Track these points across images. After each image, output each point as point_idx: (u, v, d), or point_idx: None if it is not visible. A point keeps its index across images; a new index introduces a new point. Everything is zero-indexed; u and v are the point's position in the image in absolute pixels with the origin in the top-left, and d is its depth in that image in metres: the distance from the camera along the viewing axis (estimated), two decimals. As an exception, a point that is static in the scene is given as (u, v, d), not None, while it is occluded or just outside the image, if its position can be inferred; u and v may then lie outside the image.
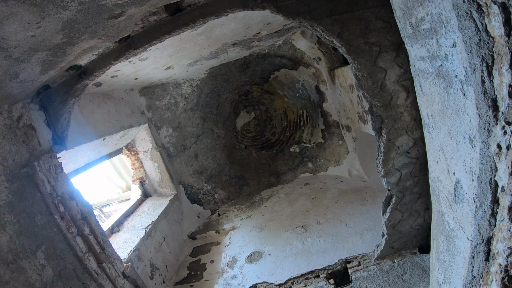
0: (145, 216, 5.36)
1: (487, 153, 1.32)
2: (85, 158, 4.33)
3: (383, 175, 3.44)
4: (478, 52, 1.23)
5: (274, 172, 7.89)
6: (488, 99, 1.24)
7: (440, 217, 2.12)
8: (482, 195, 1.39)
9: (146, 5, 2.45)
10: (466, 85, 1.41)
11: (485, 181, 1.35)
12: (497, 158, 1.25)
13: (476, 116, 1.35)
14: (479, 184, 1.40)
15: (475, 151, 1.41)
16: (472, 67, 1.30)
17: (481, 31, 1.18)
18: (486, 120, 1.28)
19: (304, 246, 4.80)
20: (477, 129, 1.36)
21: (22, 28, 1.84)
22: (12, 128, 2.66)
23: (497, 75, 1.16)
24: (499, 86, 1.17)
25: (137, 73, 4.63)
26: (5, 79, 2.24)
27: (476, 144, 1.40)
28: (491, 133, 1.26)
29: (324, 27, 3.19)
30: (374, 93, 3.21)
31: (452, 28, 1.40)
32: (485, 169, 1.34)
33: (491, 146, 1.27)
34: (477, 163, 1.40)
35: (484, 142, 1.33)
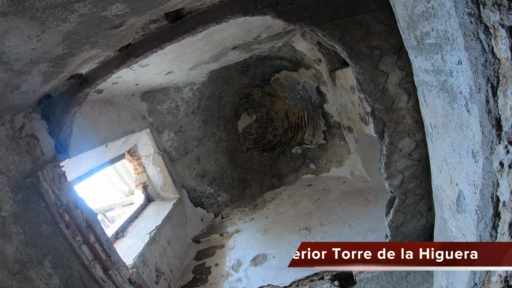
0: (149, 220, 5.37)
1: (489, 169, 1.32)
2: (88, 165, 4.34)
3: (385, 178, 3.44)
4: (484, 72, 1.23)
5: (277, 174, 7.89)
6: (492, 118, 1.25)
7: (443, 224, 2.12)
8: (484, 208, 1.39)
9: (147, 14, 2.46)
10: (470, 103, 1.41)
11: (487, 195, 1.36)
12: (499, 174, 1.25)
13: (480, 133, 1.35)
14: (481, 197, 1.40)
15: (478, 166, 1.41)
16: (477, 86, 1.30)
17: (488, 52, 1.18)
18: (489, 138, 1.28)
19: (308, 249, 4.79)
20: (480, 146, 1.36)
21: (22, 41, 1.84)
22: (14, 138, 2.67)
23: (502, 96, 1.16)
24: (503, 107, 1.17)
25: (138, 79, 4.63)
26: (7, 91, 2.25)
27: (479, 159, 1.40)
28: (494, 151, 1.27)
29: (325, 32, 3.19)
30: (376, 97, 3.21)
31: (458, 46, 1.40)
32: (487, 184, 1.34)
33: (494, 163, 1.28)
34: (479, 178, 1.41)
35: (486, 159, 1.33)
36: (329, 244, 2.15)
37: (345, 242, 2.34)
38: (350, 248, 2.09)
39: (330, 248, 2.11)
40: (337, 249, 2.09)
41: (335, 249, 2.10)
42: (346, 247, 2.10)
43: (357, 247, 2.08)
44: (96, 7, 2.00)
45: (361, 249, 2.06)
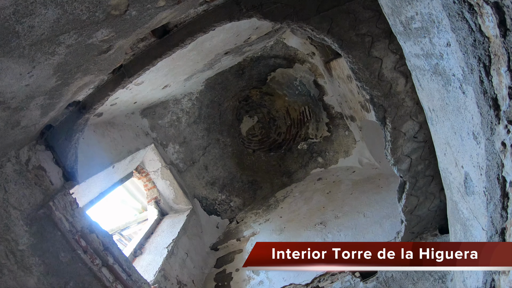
0: (165, 235, 5.40)
1: (492, 150, 1.30)
2: (97, 188, 4.38)
3: (393, 163, 3.42)
4: (474, 52, 1.21)
5: (286, 172, 7.88)
6: (488, 98, 1.22)
7: (454, 206, 2.10)
8: (492, 190, 1.37)
9: (133, 34, 2.47)
10: (464, 84, 1.39)
11: (493, 176, 1.34)
12: (503, 155, 1.23)
13: (478, 114, 1.33)
14: (488, 179, 1.38)
15: (480, 147, 1.39)
16: (469, 67, 1.28)
17: (475, 31, 1.16)
18: (488, 119, 1.26)
19: (326, 243, 4.78)
20: (480, 127, 1.34)
21: (15, 80, 1.87)
22: (22, 173, 2.71)
23: (496, 75, 1.14)
24: (499, 86, 1.15)
25: (136, 97, 4.67)
26: (8, 128, 2.29)
27: (480, 140, 1.38)
28: (495, 132, 1.24)
29: (313, 26, 3.18)
30: (372, 84, 3.19)
31: (444, 28, 1.38)
32: (492, 165, 1.32)
33: (496, 143, 1.26)
34: (483, 159, 1.38)
35: (488, 140, 1.31)
36: (329, 244, 2.15)
37: (345, 242, 2.35)
38: (350, 248, 2.08)
39: (330, 248, 2.11)
40: (337, 249, 2.09)
41: (335, 249, 2.09)
42: (346, 247, 2.10)
43: (357, 247, 2.08)
44: (82, 36, 2.02)
45: (361, 249, 2.05)
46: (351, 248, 2.08)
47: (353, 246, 2.10)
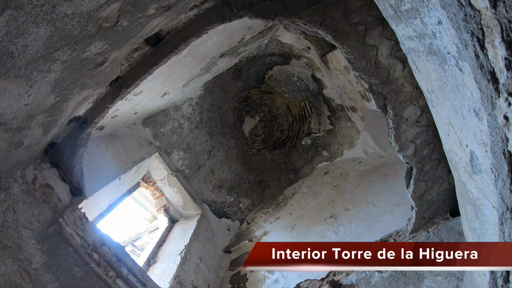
0: (177, 242, 5.42)
1: (495, 125, 1.28)
2: (106, 201, 4.41)
3: (398, 150, 3.40)
4: (466, 27, 1.20)
5: (292, 168, 7.87)
6: (485, 72, 1.20)
7: (462, 187, 2.08)
8: (499, 166, 1.35)
9: (126, 45, 2.49)
10: (460, 61, 1.37)
11: (498, 152, 1.32)
12: (506, 129, 1.21)
13: (477, 90, 1.31)
14: (493, 155, 1.36)
15: (483, 123, 1.37)
16: (463, 43, 1.26)
17: (465, 5, 1.14)
18: (487, 94, 1.24)
19: (338, 236, 4.77)
20: (481, 103, 1.32)
21: (14, 100, 1.89)
22: (29, 192, 2.73)
23: (490, 47, 1.12)
24: (495, 59, 1.13)
25: (135, 107, 4.69)
26: (11, 149, 2.31)
27: (482, 116, 1.36)
28: (496, 106, 1.22)
29: (305, 20, 3.17)
30: (370, 72, 3.17)
31: (434, 6, 1.36)
32: (496, 140, 1.30)
33: (498, 118, 1.24)
34: (487, 135, 1.36)
35: (490, 115, 1.29)
36: (329, 244, 2.14)
37: (345, 242, 2.35)
38: (350, 248, 2.08)
39: (330, 248, 2.10)
40: (337, 249, 2.08)
41: (335, 249, 2.09)
42: (346, 247, 2.09)
43: (357, 247, 2.07)
44: (76, 51, 2.03)
45: (361, 249, 2.05)
46: (351, 248, 2.08)
47: (353, 246, 2.10)
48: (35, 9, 1.59)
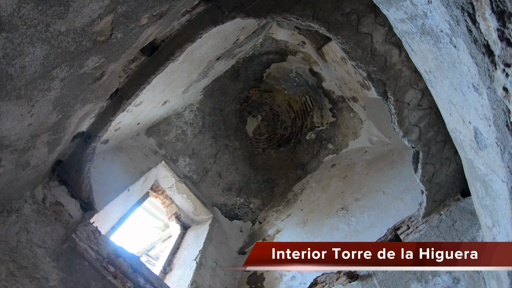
0: (191, 247, 5.44)
1: (495, 98, 1.27)
2: (117, 213, 4.44)
3: (402, 135, 3.38)
4: (456, 3, 1.19)
5: (299, 164, 7.86)
6: (480, 46, 1.20)
7: (470, 164, 2.07)
8: (503, 139, 1.34)
9: (123, 57, 2.50)
10: (454, 38, 1.37)
11: (501, 125, 1.31)
12: (507, 100, 1.20)
13: (474, 65, 1.30)
14: (497, 128, 1.35)
15: (483, 98, 1.36)
16: (454, 19, 1.26)
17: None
18: (484, 67, 1.24)
19: (350, 227, 4.76)
20: (479, 77, 1.31)
21: (17, 121, 1.91)
22: (41, 211, 2.77)
23: (482, 20, 1.12)
24: (487, 31, 1.12)
25: (137, 118, 4.72)
26: (19, 170, 2.34)
27: (482, 91, 1.35)
28: (494, 78, 1.22)
29: (297, 14, 3.18)
30: (367, 60, 3.17)
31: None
32: (498, 113, 1.29)
33: (497, 90, 1.23)
34: (488, 109, 1.35)
35: (489, 88, 1.28)
36: (329, 244, 2.14)
37: (345, 242, 2.37)
38: (350, 248, 2.08)
39: (330, 248, 2.11)
40: (337, 249, 2.08)
41: (335, 249, 2.09)
42: (346, 247, 2.09)
43: (357, 247, 2.08)
44: (73, 67, 2.06)
45: (361, 249, 2.05)
46: (351, 248, 2.09)
47: (353, 246, 2.10)
48: (29, 30, 1.62)
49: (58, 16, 1.68)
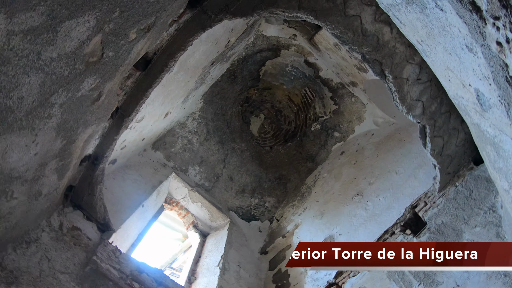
0: (213, 254, 5.46)
1: (490, 54, 1.25)
2: (135, 230, 4.47)
3: (406, 112, 3.35)
4: (434, -35, 1.18)
5: (308, 157, 7.83)
6: (466, 4, 1.18)
7: (477, 129, 2.03)
8: (506, 95, 1.32)
9: (117, 74, 2.52)
10: (439, 1, 1.35)
11: (502, 81, 1.28)
12: (503, 55, 1.18)
13: (463, 24, 1.28)
14: (498, 85, 1.32)
15: (479, 57, 1.34)
16: (436, -19, 1.24)
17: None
18: (474, 25, 1.21)
19: (368, 211, 4.72)
20: (470, 36, 1.29)
21: (23, 152, 1.94)
22: (59, 238, 2.80)
23: (463, -23, 1.10)
24: (470, -13, 1.11)
25: (142, 134, 4.75)
26: (32, 200, 2.37)
27: (476, 50, 1.33)
28: (485, 35, 1.19)
29: (283, 7, 3.16)
30: (359, 42, 3.14)
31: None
32: (496, 70, 1.27)
33: (491, 46, 1.20)
34: (486, 68, 1.33)
35: (483, 46, 1.26)
36: (329, 244, 2.15)
37: (345, 243, 2.40)
38: (350, 248, 2.08)
39: (330, 248, 2.10)
40: (337, 249, 2.09)
41: (335, 249, 2.09)
42: (346, 247, 2.10)
43: (357, 247, 2.08)
44: (70, 91, 2.08)
45: (361, 249, 2.05)
46: (351, 249, 2.09)
47: (353, 246, 2.12)
48: (22, 60, 1.64)
49: (48, 43, 1.70)
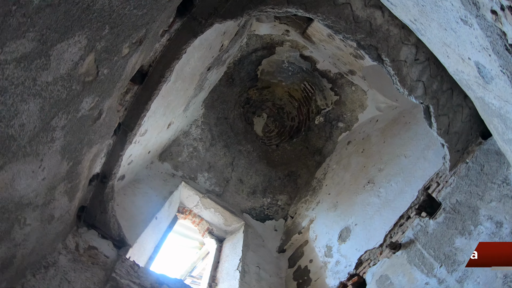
0: (231, 258, 5.45)
1: (486, 24, 1.22)
2: (151, 243, 4.49)
3: (408, 94, 3.32)
4: None
5: (315, 150, 7.80)
6: (455, -25, 1.16)
7: (482, 102, 2.00)
8: (507, 64, 1.29)
9: (115, 91, 2.53)
10: (427, -25, 1.32)
11: (501, 50, 1.25)
12: (499, 23, 1.15)
13: (455, -4, 1.26)
14: (498, 55, 1.29)
15: (475, 28, 1.31)
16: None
17: None
18: (467, -4, 1.19)
19: (381, 198, 4.68)
20: (464, 9, 1.26)
21: (31, 178, 1.95)
22: (76, 259, 2.82)
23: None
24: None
25: (147, 147, 4.77)
26: (45, 225, 2.39)
27: (471, 22, 1.30)
28: (479, 4, 1.17)
29: (272, 4, 3.15)
30: (352, 29, 3.12)
31: None
32: (494, 39, 1.24)
33: (486, 16, 1.18)
34: (483, 39, 1.30)
35: (477, 16, 1.23)
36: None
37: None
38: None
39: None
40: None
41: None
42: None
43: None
44: (70, 113, 2.09)
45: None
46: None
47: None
48: (18, 88, 1.65)
49: (42, 68, 1.70)
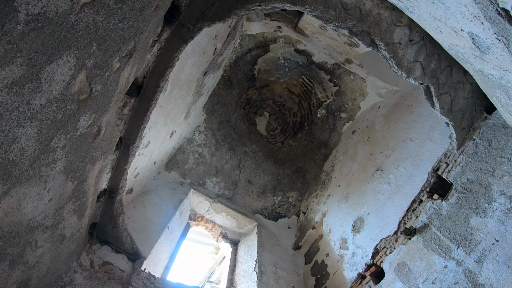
0: (247, 260, 5.45)
1: (475, -9, 1.19)
2: (165, 253, 4.50)
3: (406, 76, 3.27)
4: None
5: (320, 144, 7.76)
6: None
7: (481, 75, 1.96)
8: (502, 30, 1.25)
9: (111, 106, 2.54)
10: None
11: (493, 16, 1.21)
12: None
13: (439, -32, 1.23)
14: (491, 22, 1.26)
15: (464, -4, 1.28)
16: None
17: None
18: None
19: (391, 185, 4.63)
20: (450, -21, 1.23)
21: (37, 201, 1.96)
22: (92, 276, 2.83)
23: None
24: None
25: (152, 158, 4.78)
26: (57, 245, 2.40)
27: (461, -8, 1.27)
28: (465, -29, 1.13)
29: (259, 1, 3.13)
30: (342, 17, 3.09)
31: None
32: (485, 5, 1.20)
33: None
34: (473, 6, 1.26)
35: (464, -18, 1.20)
36: None
37: None
38: None
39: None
40: None
41: None
42: None
43: None
44: (68, 132, 2.10)
45: None
46: None
47: None
48: (13, 113, 1.65)
49: (34, 91, 1.71)
